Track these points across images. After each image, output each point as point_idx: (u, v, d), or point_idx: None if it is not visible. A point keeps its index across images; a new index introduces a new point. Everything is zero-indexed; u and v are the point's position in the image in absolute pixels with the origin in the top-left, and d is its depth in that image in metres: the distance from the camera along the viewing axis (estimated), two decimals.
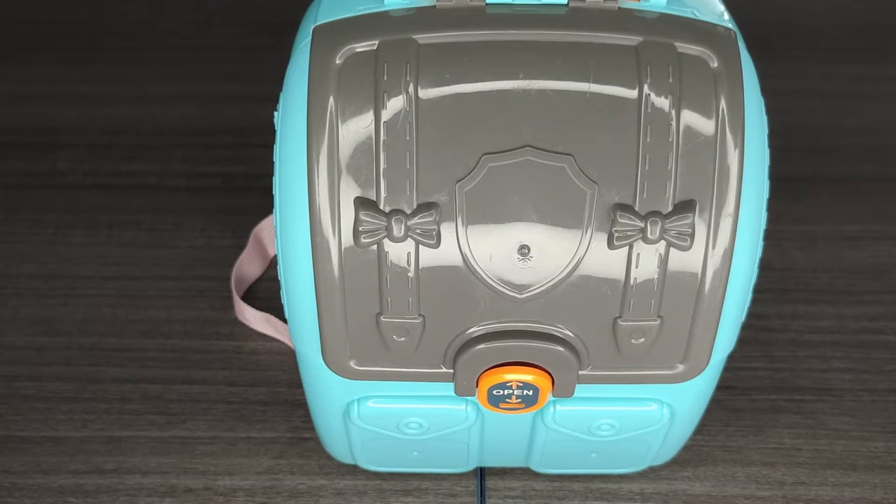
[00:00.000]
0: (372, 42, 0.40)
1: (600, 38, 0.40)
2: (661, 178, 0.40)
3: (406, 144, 0.39)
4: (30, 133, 0.71)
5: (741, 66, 0.40)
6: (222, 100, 0.73)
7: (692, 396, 0.47)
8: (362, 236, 0.40)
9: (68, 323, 0.62)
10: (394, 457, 0.51)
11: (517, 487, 0.54)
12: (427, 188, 0.40)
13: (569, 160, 0.39)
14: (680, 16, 0.41)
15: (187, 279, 0.64)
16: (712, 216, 0.40)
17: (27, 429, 0.57)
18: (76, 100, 0.73)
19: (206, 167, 0.69)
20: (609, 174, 0.39)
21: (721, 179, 0.40)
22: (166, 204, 0.67)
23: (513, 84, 0.40)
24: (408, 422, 0.47)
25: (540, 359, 0.43)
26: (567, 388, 0.44)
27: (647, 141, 0.39)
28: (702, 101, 0.40)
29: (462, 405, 0.47)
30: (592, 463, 0.52)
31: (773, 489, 0.54)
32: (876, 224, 0.68)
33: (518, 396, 0.44)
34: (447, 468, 0.54)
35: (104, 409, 0.58)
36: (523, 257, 0.40)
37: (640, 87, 0.39)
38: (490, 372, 0.43)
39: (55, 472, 0.55)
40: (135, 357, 0.60)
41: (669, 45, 0.40)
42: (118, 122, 0.72)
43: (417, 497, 0.54)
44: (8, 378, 0.59)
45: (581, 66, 0.40)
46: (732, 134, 0.40)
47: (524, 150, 0.39)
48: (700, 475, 0.55)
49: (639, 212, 0.40)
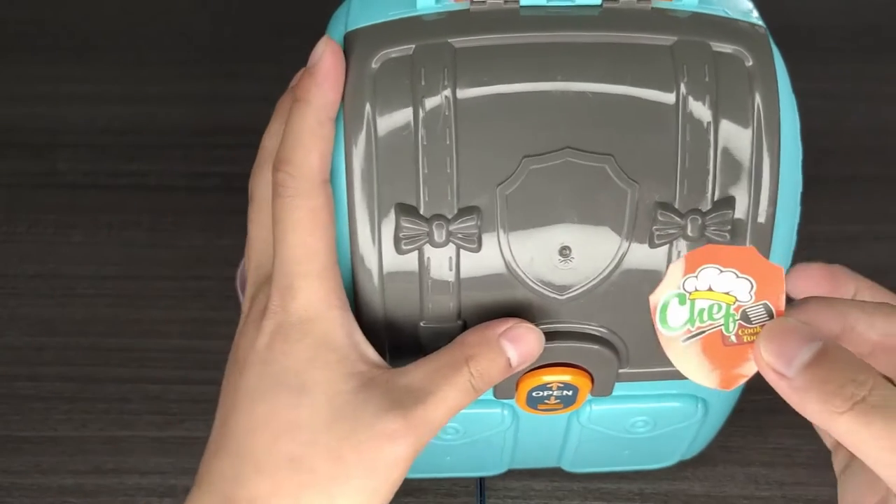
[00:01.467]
0: (407, 47, 0.40)
1: (635, 38, 0.40)
2: (701, 175, 0.40)
3: (446, 149, 0.39)
4: (29, 133, 0.71)
5: (775, 64, 0.41)
6: (222, 100, 0.73)
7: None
8: (403, 243, 0.40)
9: (68, 323, 0.62)
10: (427, 463, 0.51)
11: (516, 488, 0.54)
12: (468, 192, 0.40)
13: (609, 160, 0.39)
14: (712, 14, 0.41)
15: (187, 279, 0.64)
16: (750, 212, 0.40)
17: (26, 429, 0.57)
18: (76, 100, 0.73)
19: (206, 167, 0.69)
20: (649, 173, 0.40)
21: (758, 176, 0.40)
22: (166, 204, 0.67)
23: (551, 86, 0.39)
24: (445, 427, 0.47)
25: (581, 359, 0.43)
26: (606, 387, 0.44)
27: (686, 140, 0.40)
28: (738, 99, 0.40)
29: (498, 408, 0.47)
30: (625, 460, 0.53)
31: (772, 489, 0.54)
32: (876, 224, 0.68)
33: (557, 397, 0.44)
34: (479, 472, 0.54)
35: (103, 409, 0.58)
36: (564, 258, 0.40)
37: (678, 86, 0.40)
38: (530, 374, 0.43)
39: (54, 472, 0.55)
40: (134, 357, 0.60)
41: (704, 44, 0.40)
42: (118, 122, 0.72)
43: (417, 497, 0.54)
44: (7, 378, 0.59)
45: (618, 67, 0.40)
46: (768, 130, 0.40)
47: (564, 151, 0.39)
48: (699, 475, 0.55)
49: (679, 210, 0.40)
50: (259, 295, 0.41)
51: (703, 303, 0.37)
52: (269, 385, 0.39)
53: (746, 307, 0.36)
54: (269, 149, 0.42)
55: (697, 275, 0.37)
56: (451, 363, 0.39)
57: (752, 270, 0.36)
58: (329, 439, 0.38)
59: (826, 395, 0.33)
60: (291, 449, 0.38)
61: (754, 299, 0.36)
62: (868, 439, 0.32)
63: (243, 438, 0.39)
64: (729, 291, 0.36)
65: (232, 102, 0.73)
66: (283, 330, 0.39)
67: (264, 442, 0.39)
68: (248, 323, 0.41)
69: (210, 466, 0.40)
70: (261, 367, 0.40)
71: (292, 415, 0.39)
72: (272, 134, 0.42)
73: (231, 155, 0.70)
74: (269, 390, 0.39)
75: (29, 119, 0.73)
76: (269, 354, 0.39)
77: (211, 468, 0.40)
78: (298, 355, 0.39)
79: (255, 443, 0.39)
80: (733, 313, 0.36)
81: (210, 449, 0.41)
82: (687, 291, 0.37)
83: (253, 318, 0.41)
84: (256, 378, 0.40)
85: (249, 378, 0.40)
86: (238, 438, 0.39)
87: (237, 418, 0.39)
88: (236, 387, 0.40)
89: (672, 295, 0.37)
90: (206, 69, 0.75)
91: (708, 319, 0.37)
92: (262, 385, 0.39)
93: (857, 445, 0.33)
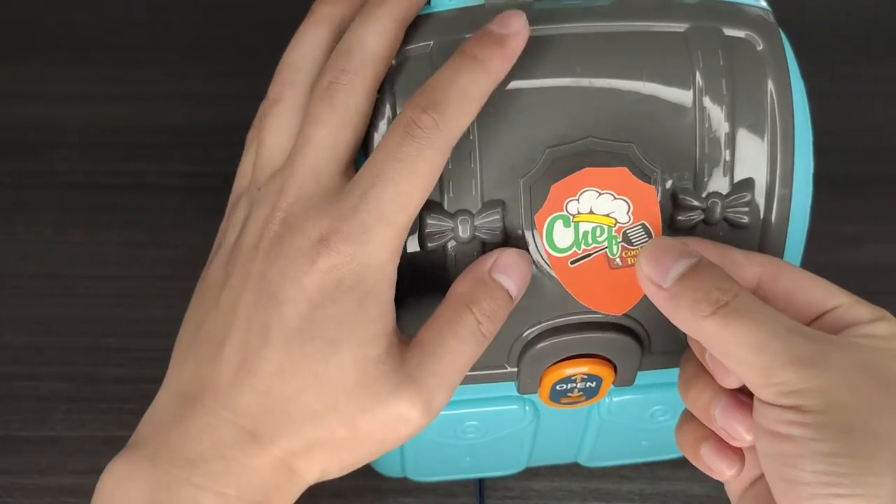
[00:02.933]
0: (426, 44, 0.40)
1: (649, 26, 0.40)
2: (719, 159, 0.40)
3: (469, 144, 0.39)
4: (28, 132, 0.71)
5: (784, 48, 0.41)
6: (222, 100, 0.73)
7: None
8: (428, 239, 0.40)
9: (67, 322, 0.62)
10: (447, 465, 0.51)
11: (515, 488, 0.54)
12: (491, 186, 0.40)
13: (630, 148, 0.40)
14: (722, 1, 0.41)
15: (186, 279, 0.63)
16: (767, 194, 0.41)
17: (25, 428, 0.57)
18: (75, 99, 0.73)
19: (206, 167, 0.69)
20: (669, 159, 0.40)
21: (773, 158, 0.41)
22: (165, 204, 0.67)
23: (570, 77, 0.40)
24: (465, 427, 0.47)
25: (605, 349, 0.43)
26: (629, 377, 0.44)
27: (704, 125, 0.40)
28: (753, 83, 0.40)
29: (519, 404, 0.47)
30: (643, 451, 0.53)
31: None
32: (876, 224, 0.68)
33: (580, 389, 0.45)
34: (498, 471, 0.54)
35: (103, 408, 0.58)
36: None
37: (693, 72, 0.40)
38: (554, 367, 0.43)
39: (53, 472, 0.55)
40: (133, 357, 0.60)
41: (717, 29, 0.40)
42: (117, 122, 0.72)
43: (416, 497, 0.54)
44: (6, 377, 0.59)
45: (635, 56, 0.40)
46: (782, 113, 0.41)
47: (586, 140, 0.40)
48: (699, 476, 0.55)
49: (699, 194, 0.40)
50: (275, 217, 0.39)
51: (587, 225, 0.38)
52: (308, 330, 0.38)
53: (626, 229, 0.38)
54: (299, 66, 0.41)
55: (578, 197, 0.38)
56: (454, 316, 0.39)
57: (626, 191, 0.38)
58: (348, 407, 0.38)
59: (694, 302, 0.36)
60: (314, 404, 0.38)
61: (632, 220, 0.38)
62: (728, 339, 0.36)
63: (270, 378, 0.38)
64: (609, 213, 0.38)
65: (231, 102, 0.73)
66: (339, 273, 0.37)
67: (293, 388, 0.38)
68: (281, 245, 0.38)
69: (221, 391, 0.38)
70: (304, 308, 0.38)
71: (320, 369, 0.38)
72: (303, 48, 0.42)
73: (230, 155, 0.70)
74: (308, 336, 0.38)
75: (28, 119, 0.72)
76: (316, 295, 0.37)
77: (224, 394, 0.38)
78: (346, 305, 0.38)
79: (285, 387, 0.38)
80: (615, 235, 0.38)
81: (215, 365, 0.39)
82: (570, 214, 0.38)
83: (295, 247, 0.38)
84: (297, 318, 0.38)
85: (290, 316, 0.38)
86: (265, 377, 0.38)
87: (266, 353, 0.38)
88: (268, 320, 0.38)
89: (557, 216, 0.38)
90: (205, 69, 0.75)
91: (593, 242, 0.38)
92: (302, 328, 0.38)
93: (719, 347, 0.36)
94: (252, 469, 0.38)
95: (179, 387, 0.40)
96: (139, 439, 0.39)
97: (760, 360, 0.35)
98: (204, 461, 0.38)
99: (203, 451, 0.38)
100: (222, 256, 0.42)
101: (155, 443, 0.39)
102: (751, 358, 0.35)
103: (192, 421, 0.38)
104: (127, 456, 0.39)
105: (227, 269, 0.41)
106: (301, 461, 0.39)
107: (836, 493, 0.34)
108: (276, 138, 0.41)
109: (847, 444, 0.34)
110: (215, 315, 0.40)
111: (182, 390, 0.39)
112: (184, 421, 0.38)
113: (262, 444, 0.38)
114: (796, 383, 0.35)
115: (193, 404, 0.39)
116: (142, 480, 0.38)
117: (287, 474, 0.39)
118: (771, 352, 0.35)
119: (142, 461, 0.38)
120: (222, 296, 0.40)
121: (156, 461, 0.38)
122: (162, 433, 0.39)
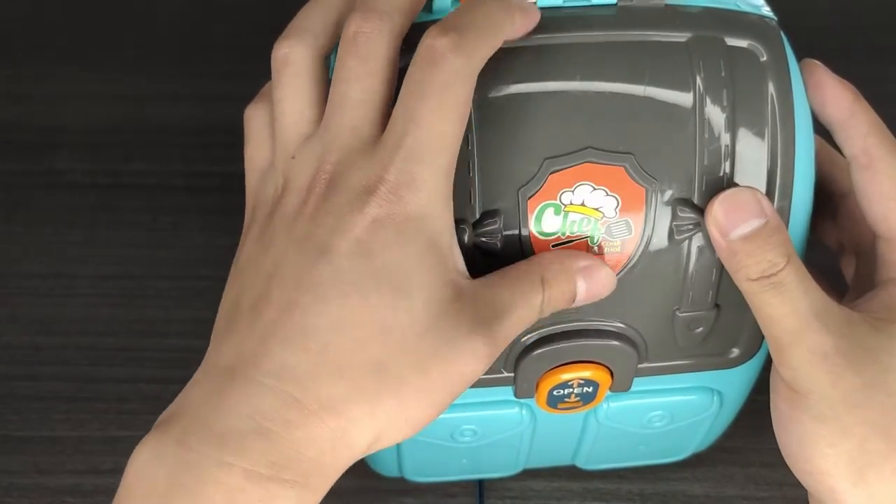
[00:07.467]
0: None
1: (651, 36, 0.40)
2: (718, 171, 0.40)
3: (468, 154, 0.39)
4: (28, 132, 0.71)
5: (787, 58, 0.41)
6: (222, 99, 0.73)
7: (741, 381, 0.48)
8: None
9: (66, 322, 0.62)
10: (443, 466, 0.51)
11: (515, 488, 0.54)
12: (490, 196, 0.40)
13: (629, 158, 0.40)
14: (725, 9, 0.41)
15: (186, 279, 0.64)
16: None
17: (25, 428, 0.57)
18: (75, 99, 0.73)
19: (205, 167, 0.69)
20: (668, 170, 0.40)
21: (773, 170, 0.40)
22: (165, 204, 0.67)
23: (570, 87, 0.40)
24: (462, 430, 0.47)
25: (602, 356, 0.43)
26: (625, 383, 0.44)
27: (704, 136, 0.40)
28: (754, 94, 0.40)
29: (516, 408, 0.47)
30: (640, 455, 0.53)
31: (771, 489, 0.54)
32: None
33: (577, 395, 0.45)
34: (495, 473, 0.54)
35: (102, 408, 0.58)
36: None
37: (694, 82, 0.40)
38: (551, 372, 0.43)
39: (53, 472, 0.55)
40: (133, 357, 0.60)
41: (719, 39, 0.40)
42: (117, 122, 0.72)
43: (416, 497, 0.54)
44: (6, 377, 0.59)
45: (636, 65, 0.40)
46: (783, 124, 0.40)
47: (585, 151, 0.40)
48: (699, 476, 0.55)
49: (698, 205, 0.40)
50: (324, 170, 0.38)
51: (576, 216, 0.40)
52: (367, 279, 0.36)
53: (611, 223, 0.40)
54: (307, 27, 0.40)
55: (574, 190, 0.39)
56: (529, 280, 0.39)
57: (619, 189, 0.40)
58: (419, 349, 0.36)
59: (745, 264, 0.39)
60: (379, 353, 0.36)
61: (618, 216, 0.40)
62: (763, 306, 0.39)
63: (325, 334, 0.36)
64: (598, 207, 0.40)
65: (231, 102, 0.73)
66: (393, 221, 0.36)
67: (352, 341, 0.36)
68: (327, 204, 0.37)
69: (264, 357, 0.36)
70: (360, 259, 0.36)
71: (388, 316, 0.36)
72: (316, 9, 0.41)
73: (230, 155, 0.70)
74: (367, 285, 0.36)
75: (28, 119, 0.72)
76: (371, 245, 0.36)
77: (267, 360, 0.36)
78: (408, 252, 0.36)
79: (342, 341, 0.36)
80: (599, 227, 0.40)
81: (257, 333, 0.36)
82: (563, 203, 0.40)
83: (343, 201, 0.36)
84: (351, 268, 0.36)
85: (342, 267, 0.36)
86: (319, 333, 0.36)
87: (318, 309, 0.36)
88: (319, 275, 0.36)
89: (549, 204, 0.40)
90: (206, 69, 0.75)
91: (578, 231, 0.40)
92: (358, 278, 0.36)
93: (755, 307, 0.40)
94: (291, 443, 0.35)
95: (217, 362, 0.37)
96: (168, 418, 0.37)
97: (782, 339, 0.39)
98: (237, 435, 0.35)
99: (238, 424, 0.35)
100: (255, 232, 0.40)
101: (185, 420, 0.36)
102: (776, 333, 0.40)
103: (229, 393, 0.36)
104: (154, 436, 0.36)
105: (262, 242, 0.39)
106: (354, 426, 0.36)
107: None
108: (296, 104, 0.40)
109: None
110: (255, 283, 0.38)
111: (220, 365, 0.37)
112: (219, 395, 0.36)
113: (307, 411, 0.35)
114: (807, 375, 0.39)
115: (233, 377, 0.36)
116: (167, 462, 0.35)
117: (332, 447, 0.36)
118: (792, 337, 0.39)
119: (168, 441, 0.36)
120: (261, 266, 0.38)
121: (184, 440, 0.35)
122: (192, 409, 0.36)
